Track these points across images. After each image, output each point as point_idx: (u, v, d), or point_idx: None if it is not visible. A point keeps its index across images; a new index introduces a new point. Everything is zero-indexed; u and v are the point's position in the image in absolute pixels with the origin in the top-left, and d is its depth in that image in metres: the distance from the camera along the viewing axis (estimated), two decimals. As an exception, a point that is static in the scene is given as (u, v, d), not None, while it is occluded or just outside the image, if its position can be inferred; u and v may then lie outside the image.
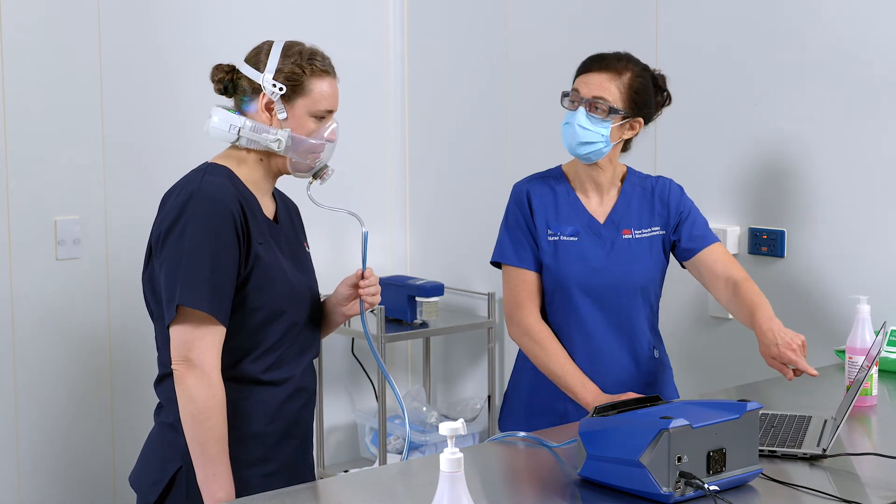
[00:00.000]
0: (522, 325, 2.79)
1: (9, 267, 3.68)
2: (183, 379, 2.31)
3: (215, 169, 2.43)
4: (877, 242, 3.22)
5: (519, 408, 2.90)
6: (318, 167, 2.51)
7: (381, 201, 4.58)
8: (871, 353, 2.53)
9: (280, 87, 2.41)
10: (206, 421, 2.30)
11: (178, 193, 2.38)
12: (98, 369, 3.87)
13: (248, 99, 2.46)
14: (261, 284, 2.39)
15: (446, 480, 1.65)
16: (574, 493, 2.18)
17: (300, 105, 2.43)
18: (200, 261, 2.30)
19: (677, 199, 2.88)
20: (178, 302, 2.29)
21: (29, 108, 3.70)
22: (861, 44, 3.22)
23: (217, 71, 2.49)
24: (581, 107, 2.73)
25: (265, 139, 2.42)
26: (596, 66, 2.75)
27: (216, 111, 2.46)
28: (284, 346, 2.45)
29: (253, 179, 2.46)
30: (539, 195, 2.83)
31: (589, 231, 2.81)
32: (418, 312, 4.17)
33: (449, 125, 4.43)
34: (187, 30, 3.98)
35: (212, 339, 2.32)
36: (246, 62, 2.47)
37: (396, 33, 4.54)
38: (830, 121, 3.29)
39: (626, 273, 2.82)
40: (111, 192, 3.86)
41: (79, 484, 3.84)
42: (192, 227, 2.32)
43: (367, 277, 2.54)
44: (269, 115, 2.43)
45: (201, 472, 2.32)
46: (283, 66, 2.42)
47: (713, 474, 2.09)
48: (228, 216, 2.34)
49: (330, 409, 4.43)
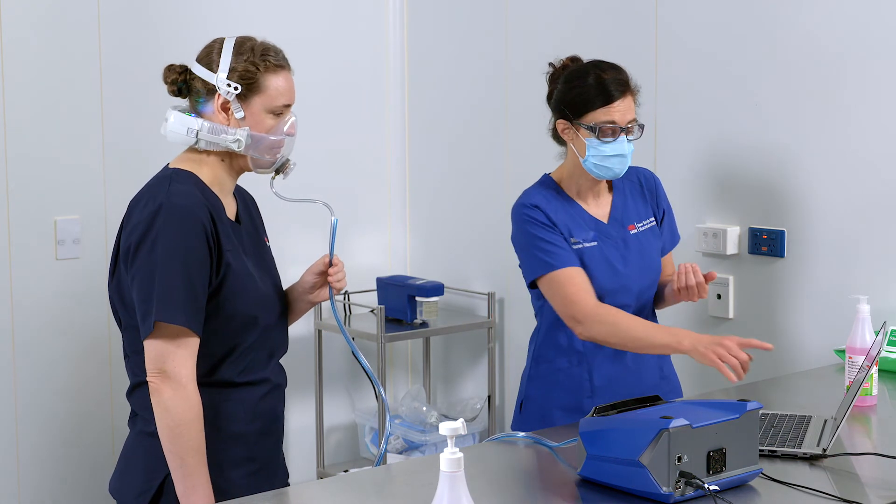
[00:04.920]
0: (590, 314, 2.68)
1: (9, 267, 3.68)
2: (159, 391, 2.29)
3: (180, 175, 2.40)
4: (877, 242, 3.22)
5: (537, 415, 2.87)
6: (280, 162, 2.48)
7: (381, 201, 4.58)
8: (871, 353, 2.53)
9: (235, 86, 2.38)
10: (184, 433, 2.29)
11: (146, 203, 2.34)
12: (98, 369, 3.87)
13: (204, 100, 2.42)
14: (234, 292, 2.38)
15: (446, 480, 1.65)
16: (574, 493, 2.18)
17: (257, 102, 2.40)
18: (173, 274, 2.28)
19: (661, 191, 2.95)
20: (155, 318, 2.27)
21: (29, 108, 3.70)
22: (861, 44, 3.22)
23: (169, 72, 2.45)
24: (622, 134, 2.71)
25: (224, 140, 2.39)
26: (622, 90, 2.72)
27: (171, 113, 2.42)
28: (256, 349, 2.45)
29: (216, 180, 2.43)
30: (549, 207, 2.79)
31: (600, 234, 2.81)
32: (418, 312, 4.17)
33: (449, 125, 4.43)
34: (187, 29, 3.98)
35: (187, 350, 2.31)
36: (198, 62, 2.44)
37: (396, 34, 4.53)
38: (831, 120, 3.29)
39: (644, 267, 2.85)
40: (111, 192, 3.86)
41: (79, 484, 3.84)
42: (162, 240, 2.29)
43: (336, 265, 2.54)
44: (225, 115, 2.40)
45: (180, 484, 2.31)
46: (237, 64, 2.39)
47: (713, 474, 2.09)
48: (199, 227, 2.32)
49: (330, 408, 4.43)
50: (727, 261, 3.53)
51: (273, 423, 2.51)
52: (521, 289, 4.14)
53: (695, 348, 2.53)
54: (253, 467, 2.45)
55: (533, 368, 2.89)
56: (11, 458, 3.73)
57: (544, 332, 2.87)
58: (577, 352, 2.82)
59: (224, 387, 2.40)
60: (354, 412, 4.50)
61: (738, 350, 2.48)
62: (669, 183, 3.16)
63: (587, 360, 2.81)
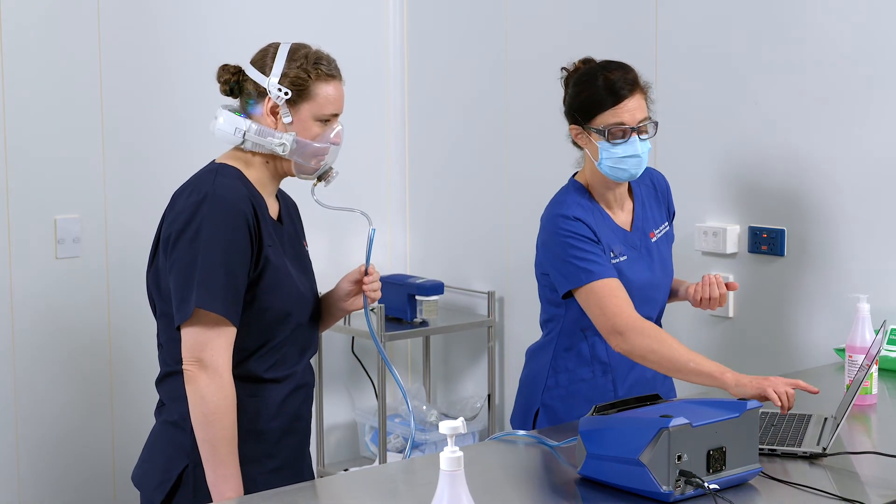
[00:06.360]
0: (634, 327, 2.60)
1: (9, 265, 3.68)
2: (195, 379, 2.31)
3: (226, 170, 2.42)
4: (877, 241, 3.22)
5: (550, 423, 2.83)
6: (323, 169, 2.51)
7: (381, 200, 4.58)
8: (870, 352, 2.53)
9: (286, 91, 2.41)
10: (218, 422, 2.31)
11: (190, 193, 2.37)
12: (98, 368, 3.87)
13: (254, 102, 2.46)
14: (270, 286, 2.40)
15: (446, 479, 1.65)
16: (574, 492, 2.18)
17: (305, 109, 2.43)
18: (215, 263, 2.31)
19: (671, 193, 2.94)
20: (195, 304, 2.29)
21: (29, 107, 3.70)
22: (860, 43, 3.22)
23: (223, 72, 2.49)
24: (633, 135, 2.67)
25: (270, 143, 2.42)
26: (629, 89, 2.67)
27: (221, 112, 2.46)
28: (287, 345, 2.46)
29: (260, 181, 2.46)
30: (591, 221, 2.73)
31: (627, 245, 2.78)
32: (418, 311, 4.17)
33: (449, 124, 4.43)
34: (187, 28, 3.98)
35: (224, 340, 2.33)
36: (252, 64, 2.47)
37: (396, 32, 4.53)
38: (831, 119, 3.29)
39: (666, 276, 2.85)
40: (111, 191, 3.86)
41: (79, 484, 3.84)
42: (206, 229, 2.32)
43: (371, 274, 2.55)
44: (274, 118, 2.43)
45: (212, 473, 2.32)
46: (289, 70, 2.42)
47: (713, 473, 2.09)
48: (242, 218, 2.34)
49: (330, 407, 4.43)
50: (727, 260, 3.53)
51: (296, 421, 2.51)
52: (521, 288, 4.15)
53: (738, 382, 2.45)
54: (273, 465, 2.45)
55: (551, 378, 2.83)
56: (11, 458, 3.73)
57: (561, 343, 2.81)
58: (601, 362, 2.79)
59: (250, 382, 2.41)
60: (354, 411, 4.51)
61: (784, 385, 2.42)
62: (669, 182, 3.15)
63: (612, 370, 2.80)
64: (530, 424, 2.84)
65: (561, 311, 2.80)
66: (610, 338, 2.64)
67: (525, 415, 2.87)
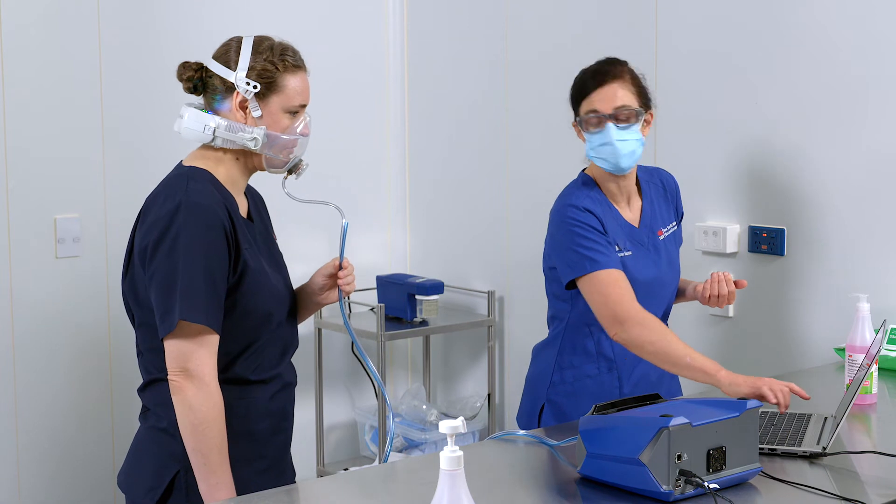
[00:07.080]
0: (634, 317, 2.60)
1: (8, 265, 3.68)
2: (182, 390, 2.30)
3: (196, 173, 2.40)
4: (877, 241, 3.22)
5: (562, 421, 2.83)
6: (293, 162, 2.49)
7: (381, 199, 4.58)
8: (870, 352, 2.53)
9: (254, 85, 2.39)
10: (208, 430, 2.30)
11: (165, 200, 2.34)
12: (98, 367, 3.87)
13: (221, 97, 2.43)
14: (250, 289, 2.38)
15: (446, 478, 1.65)
16: (574, 492, 2.18)
17: (274, 102, 2.41)
18: (195, 273, 2.29)
19: (679, 193, 2.94)
20: (179, 317, 2.27)
21: (29, 107, 3.70)
22: (859, 43, 3.22)
23: (185, 69, 2.45)
24: (608, 122, 2.68)
25: (241, 138, 2.40)
26: (600, 80, 2.71)
27: (186, 110, 2.43)
28: (270, 345, 2.45)
29: (230, 179, 2.44)
30: (600, 213, 2.74)
31: (633, 241, 2.79)
32: (418, 310, 4.17)
33: (449, 124, 4.43)
34: (187, 27, 3.98)
35: (208, 349, 2.32)
36: (215, 59, 2.44)
37: (396, 32, 4.53)
38: (831, 119, 3.29)
39: (672, 274, 2.85)
40: (111, 191, 3.86)
41: (79, 484, 3.84)
42: (184, 238, 2.29)
43: (346, 267, 2.55)
44: (243, 113, 2.41)
45: (204, 482, 2.32)
46: (256, 63, 2.40)
47: (713, 472, 2.09)
48: (219, 224, 2.32)
49: (330, 407, 4.43)
50: (727, 259, 3.53)
51: (283, 421, 2.51)
52: (521, 287, 4.16)
53: (732, 381, 2.46)
54: (262, 465, 2.45)
55: (556, 375, 2.84)
56: (11, 458, 3.73)
57: (567, 339, 2.83)
58: (606, 358, 2.80)
59: (237, 384, 2.41)
60: (354, 410, 4.51)
61: (779, 384, 2.43)
62: (669, 181, 3.16)
63: (617, 367, 2.80)
64: (535, 421, 2.85)
65: (567, 307, 2.81)
66: (610, 327, 2.63)
67: (530, 411, 2.89)
